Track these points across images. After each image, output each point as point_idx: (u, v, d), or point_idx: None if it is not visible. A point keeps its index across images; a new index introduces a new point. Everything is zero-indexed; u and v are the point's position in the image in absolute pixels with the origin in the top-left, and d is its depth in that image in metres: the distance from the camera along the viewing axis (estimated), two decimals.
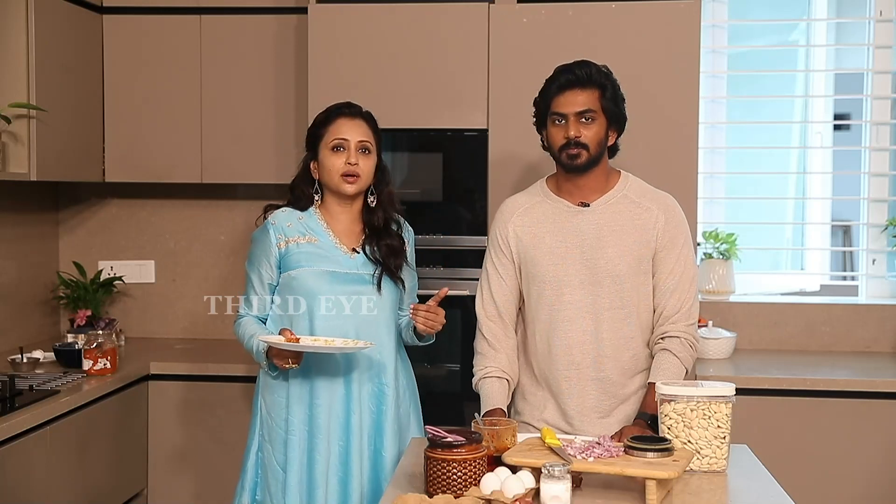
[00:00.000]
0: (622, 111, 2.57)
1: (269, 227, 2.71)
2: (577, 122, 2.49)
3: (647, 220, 2.55)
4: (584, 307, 2.54)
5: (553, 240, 2.57)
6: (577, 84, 2.50)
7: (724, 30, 4.18)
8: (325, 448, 2.67)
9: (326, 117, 2.75)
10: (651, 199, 2.58)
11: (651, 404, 2.43)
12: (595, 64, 2.56)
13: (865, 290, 4.13)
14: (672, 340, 2.53)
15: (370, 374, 2.73)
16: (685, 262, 2.56)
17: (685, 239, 2.58)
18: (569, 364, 2.55)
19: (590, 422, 2.57)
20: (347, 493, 2.68)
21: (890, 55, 4.06)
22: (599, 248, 2.53)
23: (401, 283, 2.76)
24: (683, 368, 2.54)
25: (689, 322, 2.56)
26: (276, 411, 2.71)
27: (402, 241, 2.79)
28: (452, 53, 3.49)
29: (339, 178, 2.69)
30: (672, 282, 2.55)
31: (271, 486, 2.71)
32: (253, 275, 2.75)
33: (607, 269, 2.53)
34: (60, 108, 3.58)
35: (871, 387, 3.38)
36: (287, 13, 3.81)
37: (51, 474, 2.98)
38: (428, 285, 3.46)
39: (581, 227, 2.55)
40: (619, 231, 2.54)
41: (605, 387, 2.56)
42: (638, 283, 2.54)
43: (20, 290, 3.92)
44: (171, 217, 4.21)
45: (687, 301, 2.56)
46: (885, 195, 4.09)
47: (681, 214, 2.60)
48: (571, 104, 2.50)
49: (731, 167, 4.28)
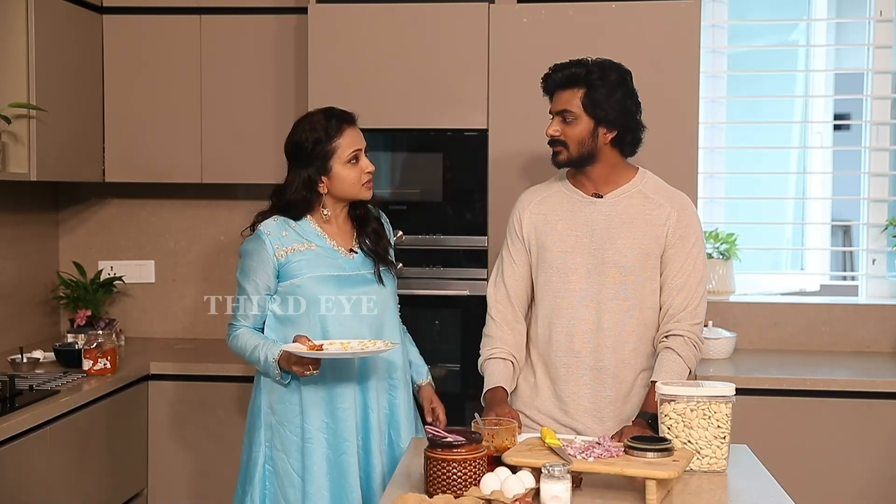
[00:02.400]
0: (613, 109, 2.51)
1: (264, 237, 2.67)
2: (558, 121, 2.53)
3: (659, 216, 2.56)
4: (587, 296, 2.56)
5: (564, 227, 2.59)
6: (558, 85, 2.54)
7: (724, 30, 4.18)
8: (353, 449, 2.66)
9: (329, 131, 2.66)
10: (665, 196, 2.59)
11: (652, 404, 2.43)
12: (597, 62, 2.55)
13: (865, 290, 4.13)
14: (676, 339, 2.54)
15: (383, 370, 2.74)
16: (695, 261, 2.56)
17: (696, 238, 2.58)
18: (568, 350, 2.57)
19: (584, 410, 2.57)
20: (371, 488, 2.68)
21: (890, 55, 4.06)
22: (608, 238, 2.55)
23: (394, 268, 2.79)
24: (686, 368, 2.54)
25: (694, 321, 2.56)
26: (290, 419, 2.68)
27: (381, 224, 2.82)
28: (452, 53, 3.49)
29: (361, 187, 2.69)
30: (680, 280, 2.55)
31: (289, 496, 2.67)
32: (248, 285, 2.69)
33: (614, 259, 2.54)
34: (60, 108, 3.58)
35: (871, 387, 3.38)
36: (287, 13, 3.81)
37: (50, 474, 2.98)
38: (428, 285, 3.47)
39: (592, 217, 2.57)
40: (630, 224, 2.55)
41: (602, 377, 2.56)
42: (644, 277, 2.55)
43: (20, 290, 3.92)
44: (171, 217, 4.21)
45: (693, 300, 2.56)
46: (885, 195, 4.09)
47: (694, 214, 2.61)
48: (554, 104, 2.56)
49: (731, 167, 4.28)
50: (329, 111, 2.71)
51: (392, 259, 2.81)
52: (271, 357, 2.62)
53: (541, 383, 2.63)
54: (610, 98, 2.51)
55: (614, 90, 2.52)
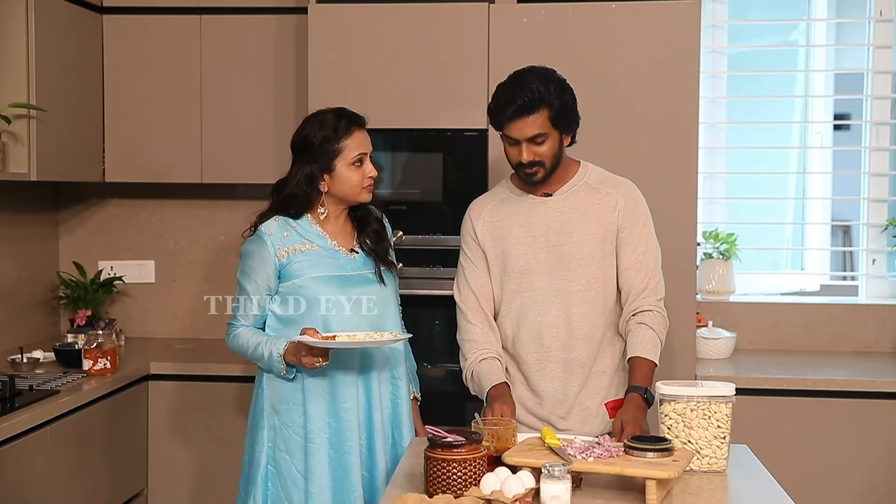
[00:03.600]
0: (573, 118, 2.58)
1: (266, 237, 2.67)
2: (530, 146, 2.52)
3: (608, 204, 2.62)
4: (553, 291, 2.60)
5: (520, 230, 2.64)
6: (523, 112, 2.49)
7: (724, 30, 4.18)
8: (356, 450, 2.67)
9: (338, 130, 2.67)
10: (610, 184, 2.66)
11: (641, 377, 2.48)
12: (537, 76, 2.52)
13: (865, 290, 4.13)
14: (645, 314, 2.59)
15: (386, 370, 2.75)
16: (647, 241, 2.64)
17: (645, 219, 2.65)
18: (538, 347, 2.61)
19: (558, 402, 2.60)
20: (374, 487, 2.69)
21: (890, 55, 4.06)
22: (564, 233, 2.61)
23: (394, 269, 2.79)
24: (659, 340, 2.58)
25: (657, 297, 2.63)
26: (292, 419, 2.68)
27: (382, 225, 2.83)
28: (452, 53, 3.49)
29: (361, 190, 2.70)
30: (636, 259, 2.62)
31: (292, 496, 2.67)
32: (248, 285, 2.69)
33: (573, 252, 2.60)
34: (60, 108, 3.58)
35: (871, 387, 3.38)
36: (287, 13, 3.81)
37: (50, 474, 2.98)
38: (428, 285, 3.47)
39: (546, 216, 2.63)
40: (582, 217, 2.61)
41: (571, 368, 2.60)
42: (605, 264, 2.61)
43: (20, 290, 3.92)
44: (171, 217, 4.21)
45: (654, 278, 2.63)
46: (885, 195, 4.09)
47: (639, 197, 2.67)
48: (521, 131, 2.51)
49: (731, 167, 4.29)
50: (340, 111, 2.71)
51: (393, 260, 2.82)
52: (276, 352, 2.62)
53: (514, 378, 2.66)
54: (570, 108, 2.56)
55: (567, 98, 2.55)
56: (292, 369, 2.64)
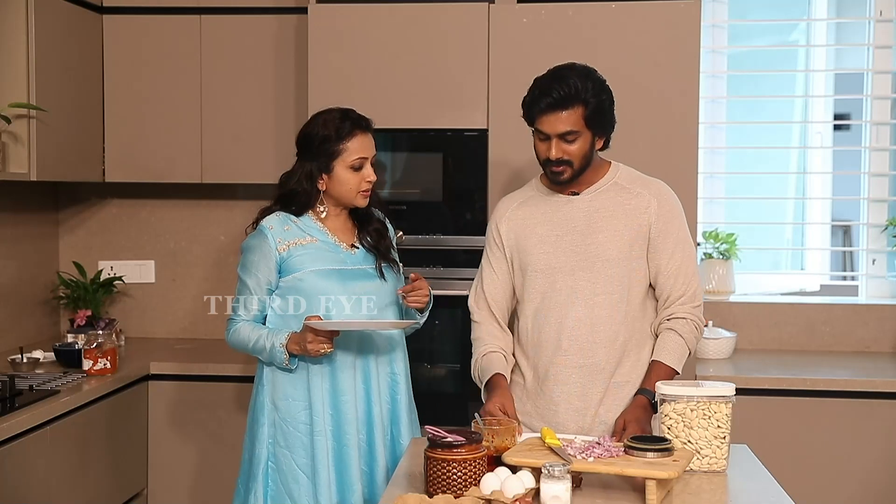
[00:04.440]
0: (608, 121, 2.52)
1: (267, 231, 2.68)
2: (560, 143, 2.47)
3: (638, 204, 2.55)
4: (576, 292, 2.54)
5: (544, 229, 2.58)
6: (557, 106, 2.44)
7: (724, 30, 4.18)
8: (355, 443, 2.67)
9: (340, 132, 2.67)
10: (642, 185, 2.59)
11: (654, 382, 2.40)
12: (576, 72, 2.48)
13: (865, 290, 4.13)
14: (678, 321, 2.54)
15: (385, 365, 2.75)
16: (684, 245, 2.57)
17: (681, 222, 2.58)
18: (556, 350, 2.54)
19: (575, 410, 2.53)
20: (374, 483, 2.69)
21: (890, 55, 4.06)
22: (590, 233, 2.54)
23: (396, 267, 2.79)
24: (687, 349, 2.54)
25: (695, 304, 2.57)
26: (294, 415, 2.68)
27: (383, 225, 2.83)
28: (452, 53, 3.49)
29: (357, 194, 2.69)
30: (674, 267, 2.55)
31: (293, 492, 2.67)
32: (249, 280, 2.69)
33: (598, 253, 2.53)
34: (60, 108, 3.58)
35: (871, 387, 3.38)
36: (287, 13, 3.81)
37: (51, 474, 2.98)
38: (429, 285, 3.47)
39: (572, 215, 2.57)
40: (610, 216, 2.54)
41: (591, 374, 2.53)
42: (630, 268, 2.54)
43: (20, 290, 3.93)
44: (171, 217, 4.22)
45: (692, 284, 2.56)
46: (885, 195, 4.09)
47: (674, 199, 2.60)
48: (553, 126, 2.46)
49: (731, 167, 4.28)
50: (346, 112, 2.71)
51: (395, 258, 2.81)
52: (278, 343, 2.63)
53: (530, 386, 2.61)
54: (606, 109, 2.51)
55: (605, 99, 2.50)
56: (294, 360, 2.65)
